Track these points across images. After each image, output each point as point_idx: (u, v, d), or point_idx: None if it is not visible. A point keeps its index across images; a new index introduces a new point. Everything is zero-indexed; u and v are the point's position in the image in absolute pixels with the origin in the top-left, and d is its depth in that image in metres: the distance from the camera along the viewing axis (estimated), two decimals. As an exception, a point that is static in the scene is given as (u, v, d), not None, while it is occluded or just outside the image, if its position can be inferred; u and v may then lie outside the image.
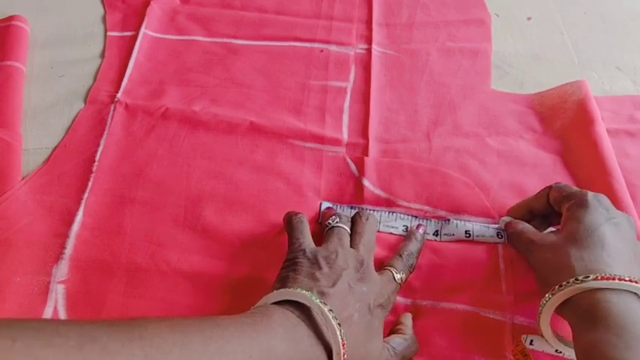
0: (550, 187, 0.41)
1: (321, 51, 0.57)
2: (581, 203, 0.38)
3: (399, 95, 0.54)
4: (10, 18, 0.57)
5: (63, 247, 0.43)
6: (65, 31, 0.59)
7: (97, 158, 0.48)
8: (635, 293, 0.33)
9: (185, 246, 0.43)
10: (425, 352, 0.39)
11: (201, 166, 0.48)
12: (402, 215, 0.45)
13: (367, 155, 0.49)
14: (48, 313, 0.40)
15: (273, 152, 0.49)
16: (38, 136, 0.50)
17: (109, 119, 0.51)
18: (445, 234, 0.44)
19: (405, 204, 0.46)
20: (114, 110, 0.51)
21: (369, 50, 0.57)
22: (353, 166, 0.48)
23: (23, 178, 0.47)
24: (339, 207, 0.46)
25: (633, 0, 0.63)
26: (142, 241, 0.44)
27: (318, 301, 0.33)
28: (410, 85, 0.54)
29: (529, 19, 0.61)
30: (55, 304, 0.40)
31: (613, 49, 0.58)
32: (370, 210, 0.46)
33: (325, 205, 0.46)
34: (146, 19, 0.58)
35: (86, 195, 0.46)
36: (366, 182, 0.47)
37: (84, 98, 0.53)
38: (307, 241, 0.39)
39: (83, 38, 0.58)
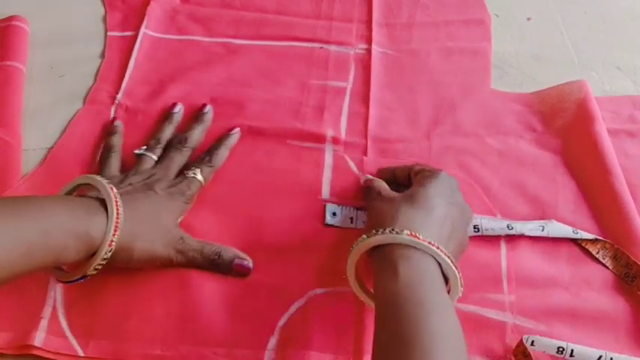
0: (416, 163, 0.45)
1: (321, 48, 0.57)
2: (432, 174, 0.41)
3: (399, 95, 0.54)
4: (10, 18, 0.57)
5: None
6: (65, 31, 0.59)
7: (97, 159, 0.48)
8: (439, 263, 0.35)
9: None
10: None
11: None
12: None
13: (366, 155, 0.49)
14: (47, 312, 0.40)
15: (272, 153, 0.49)
16: (38, 136, 0.50)
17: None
18: None
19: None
20: (115, 113, 0.51)
21: (368, 50, 0.57)
22: (353, 165, 0.48)
23: (22, 177, 0.47)
24: (344, 208, 0.45)
25: (633, 0, 0.63)
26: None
27: (105, 182, 0.38)
28: (409, 85, 0.54)
29: (529, 19, 0.61)
30: (54, 303, 0.40)
31: (613, 49, 0.58)
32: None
33: (331, 208, 0.46)
34: (146, 18, 0.58)
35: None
36: (365, 181, 0.47)
37: (84, 98, 0.53)
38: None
39: (83, 38, 0.58)
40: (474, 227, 0.44)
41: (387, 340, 0.32)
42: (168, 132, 0.49)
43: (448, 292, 0.36)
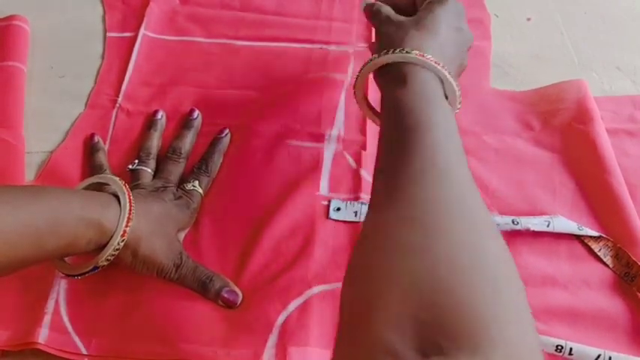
0: None
1: (320, 49, 0.57)
2: (442, 1, 0.41)
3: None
4: (10, 17, 0.57)
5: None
6: (65, 31, 0.59)
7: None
8: (442, 80, 0.37)
9: (184, 245, 0.43)
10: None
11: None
12: None
13: (365, 150, 0.49)
14: (50, 308, 0.40)
15: (272, 154, 0.49)
16: (39, 138, 0.50)
17: (111, 126, 0.51)
18: None
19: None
20: (116, 117, 0.51)
21: (368, 46, 0.57)
22: (351, 160, 0.49)
23: (28, 182, 0.47)
24: (348, 203, 0.45)
25: (633, 0, 0.63)
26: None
27: (117, 179, 0.39)
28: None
29: (529, 19, 0.61)
30: (57, 298, 0.40)
31: (613, 49, 0.58)
32: None
33: (335, 203, 0.46)
34: (145, 19, 0.58)
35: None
36: (363, 173, 0.47)
37: (84, 99, 0.53)
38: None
39: (83, 38, 0.58)
40: None
41: (391, 133, 0.35)
42: (155, 141, 0.49)
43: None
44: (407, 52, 0.37)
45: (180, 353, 0.38)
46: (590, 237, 0.44)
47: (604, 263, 0.43)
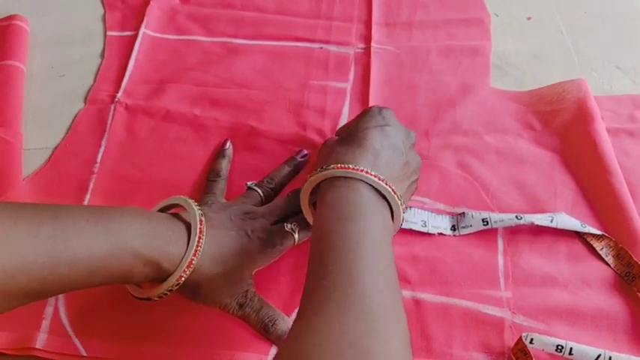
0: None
1: (321, 48, 0.57)
2: (364, 112, 0.42)
3: (398, 93, 0.54)
4: (10, 17, 0.57)
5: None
6: (65, 31, 0.59)
7: (98, 159, 0.48)
8: (371, 185, 0.36)
9: None
10: (423, 347, 0.39)
11: (202, 169, 0.48)
12: (420, 210, 0.45)
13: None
14: (49, 312, 0.40)
15: (273, 156, 0.49)
16: (38, 136, 0.50)
17: (110, 120, 0.51)
18: (463, 227, 0.44)
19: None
20: (114, 111, 0.52)
21: (368, 49, 0.57)
22: None
23: (24, 179, 0.47)
24: None
25: (633, 0, 0.63)
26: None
27: (197, 209, 0.37)
28: (409, 84, 0.54)
29: (529, 19, 0.61)
30: (56, 303, 0.40)
31: (613, 49, 0.58)
32: None
33: None
34: (146, 18, 0.58)
35: (88, 196, 0.46)
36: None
37: (84, 98, 0.53)
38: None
39: (83, 38, 0.58)
40: (483, 221, 0.44)
41: (313, 264, 0.33)
42: (227, 164, 0.48)
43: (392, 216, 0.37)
44: (324, 168, 0.37)
45: (182, 355, 0.38)
46: (593, 235, 0.44)
47: (605, 262, 0.43)
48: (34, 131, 0.51)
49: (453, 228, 0.45)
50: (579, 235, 0.44)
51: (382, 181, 0.36)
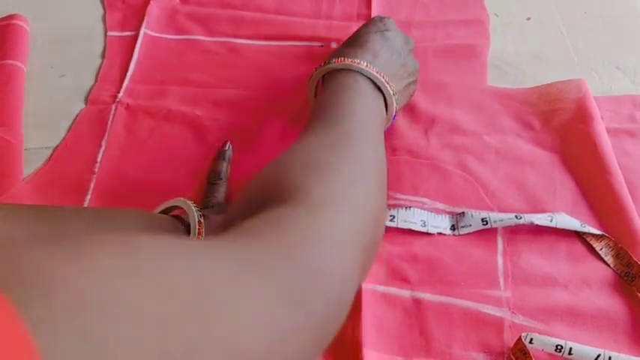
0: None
1: (321, 46, 0.57)
2: (370, 20, 0.48)
3: (398, 93, 0.54)
4: (10, 17, 0.57)
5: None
6: (65, 31, 0.59)
7: (98, 159, 0.48)
8: (368, 78, 0.42)
9: None
10: (422, 346, 0.39)
11: (202, 169, 0.48)
12: (419, 210, 0.45)
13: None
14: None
15: (273, 156, 0.49)
16: (39, 136, 0.50)
17: (110, 119, 0.51)
18: (462, 226, 0.44)
19: (403, 197, 0.46)
20: (115, 110, 0.52)
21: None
22: None
23: (24, 178, 0.47)
24: None
25: (633, 0, 0.63)
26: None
27: (195, 210, 0.38)
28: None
29: (529, 19, 0.61)
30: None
31: (613, 49, 0.58)
32: None
33: None
34: (146, 18, 0.58)
35: (89, 196, 0.46)
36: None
37: (84, 98, 0.53)
38: None
39: (83, 38, 0.58)
40: (483, 220, 0.44)
41: (311, 122, 0.38)
42: (225, 166, 0.48)
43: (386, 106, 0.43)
44: (327, 62, 0.43)
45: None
46: (593, 235, 0.44)
47: (605, 262, 0.43)
48: (34, 131, 0.51)
49: (453, 227, 0.45)
50: (579, 235, 0.44)
51: (378, 74, 0.41)
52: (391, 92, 0.42)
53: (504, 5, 0.62)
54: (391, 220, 0.44)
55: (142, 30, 0.58)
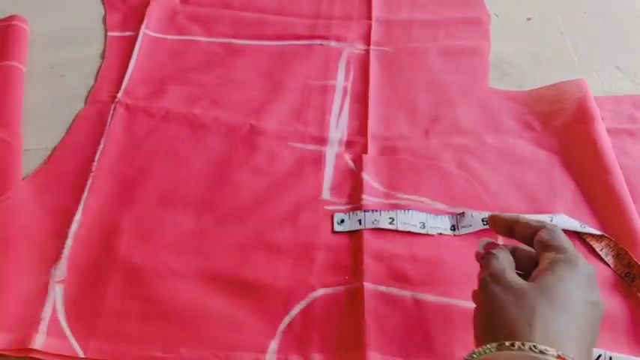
0: (543, 227, 0.35)
1: (321, 45, 0.57)
2: (571, 264, 0.32)
3: (398, 93, 0.54)
4: (10, 18, 0.57)
5: (62, 246, 0.43)
6: (65, 31, 0.59)
7: (96, 158, 0.48)
8: None
9: (183, 247, 0.43)
10: (423, 348, 0.39)
11: (200, 168, 0.48)
12: (418, 212, 0.45)
13: (366, 153, 0.49)
14: (47, 313, 0.40)
15: (272, 155, 0.49)
16: (38, 136, 0.50)
17: (109, 119, 0.51)
18: (463, 226, 0.44)
19: (404, 196, 0.46)
20: (114, 110, 0.52)
21: (367, 50, 0.57)
22: (351, 164, 0.49)
23: (23, 179, 0.47)
24: (351, 214, 0.45)
25: (633, 0, 0.63)
26: (140, 242, 0.44)
27: None
28: (408, 83, 0.54)
29: (529, 19, 0.61)
30: (54, 304, 0.40)
31: (613, 49, 0.58)
32: (378, 210, 0.45)
33: (339, 216, 0.45)
34: (146, 19, 0.58)
35: (85, 195, 0.46)
36: (365, 176, 0.47)
37: (84, 98, 0.53)
38: None
39: (83, 38, 0.58)
40: (483, 221, 0.44)
41: None
42: None
43: None
44: (541, 351, 0.27)
45: (179, 356, 0.38)
46: (592, 236, 0.44)
47: (605, 263, 0.43)
48: (33, 131, 0.50)
49: (453, 228, 0.45)
50: (579, 236, 0.44)
51: None
52: None
53: (504, 5, 0.62)
54: (391, 223, 0.44)
55: (142, 30, 0.58)
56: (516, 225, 0.36)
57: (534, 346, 0.27)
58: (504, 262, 0.33)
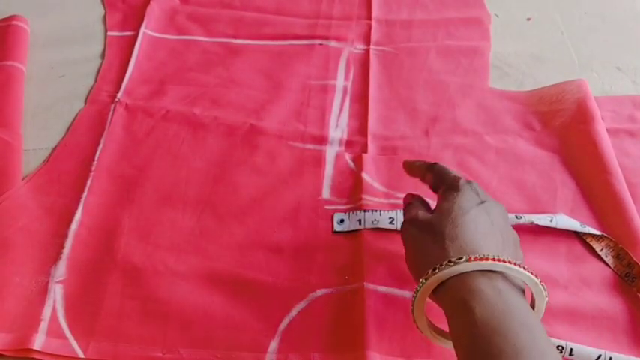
0: (428, 167, 0.41)
1: (321, 44, 0.57)
2: (455, 187, 0.37)
3: (398, 93, 0.54)
4: (10, 18, 0.57)
5: (62, 246, 0.43)
6: (65, 31, 0.59)
7: (96, 158, 0.48)
8: (507, 275, 0.32)
9: (183, 247, 0.43)
10: (423, 347, 0.39)
11: (200, 168, 0.48)
12: None
13: (366, 152, 0.49)
14: (47, 313, 0.40)
15: (272, 154, 0.49)
16: (38, 136, 0.50)
17: (109, 119, 0.51)
18: None
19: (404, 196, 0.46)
20: (114, 110, 0.52)
21: (367, 49, 0.57)
22: (351, 164, 0.49)
23: (23, 179, 0.47)
24: (351, 214, 0.45)
25: (633, 0, 0.63)
26: (139, 242, 0.44)
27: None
28: (408, 83, 0.54)
29: (529, 19, 0.61)
30: (54, 304, 0.40)
31: (613, 49, 0.58)
32: (378, 210, 0.45)
33: (338, 216, 0.45)
34: (146, 18, 0.58)
35: (85, 194, 0.46)
36: (365, 176, 0.47)
37: (84, 98, 0.53)
38: None
39: (83, 38, 0.58)
40: None
41: None
42: None
43: (532, 304, 0.34)
44: (454, 262, 0.32)
45: (179, 356, 0.38)
46: (592, 236, 0.44)
47: (605, 263, 0.43)
48: (33, 132, 0.50)
49: None
50: (579, 236, 0.44)
51: (524, 268, 0.32)
52: (542, 290, 0.33)
53: (504, 5, 0.62)
54: (390, 223, 0.44)
55: (142, 30, 0.58)
56: (414, 169, 0.42)
57: (449, 261, 0.32)
58: (418, 207, 0.39)
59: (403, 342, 0.39)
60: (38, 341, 0.38)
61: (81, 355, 0.38)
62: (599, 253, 0.43)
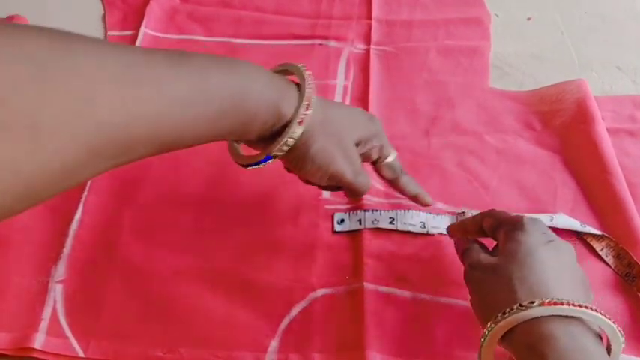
0: (484, 214, 0.39)
1: (320, 45, 0.57)
2: (518, 226, 0.35)
3: (398, 93, 0.54)
4: (10, 18, 0.57)
5: (62, 246, 0.43)
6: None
7: None
8: (582, 319, 0.31)
9: (183, 247, 0.43)
10: (424, 347, 0.39)
11: (200, 168, 0.48)
12: (418, 212, 0.45)
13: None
14: (47, 313, 0.40)
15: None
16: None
17: None
18: None
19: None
20: None
21: (367, 49, 0.57)
22: None
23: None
24: (351, 214, 0.45)
25: (633, 0, 0.63)
26: (139, 242, 0.44)
27: (301, 66, 0.35)
28: (409, 83, 0.54)
29: (529, 19, 0.61)
30: (54, 304, 0.40)
31: (613, 49, 0.58)
32: (378, 210, 0.45)
33: (338, 216, 0.45)
34: (146, 18, 0.58)
35: (85, 194, 0.46)
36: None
37: (84, 98, 0.53)
38: None
39: (83, 38, 0.58)
40: None
41: None
42: None
43: (607, 349, 0.32)
44: (526, 306, 0.30)
45: (179, 356, 0.38)
46: (593, 235, 0.44)
47: (605, 262, 0.43)
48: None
49: None
50: (579, 236, 0.44)
51: (601, 314, 0.31)
52: (619, 337, 0.32)
53: (504, 5, 0.62)
54: (391, 223, 0.44)
55: (142, 29, 0.58)
56: (467, 226, 0.40)
57: (520, 304, 0.31)
58: (477, 250, 0.37)
59: (403, 342, 0.39)
60: (38, 340, 0.38)
61: (81, 354, 0.38)
62: (600, 252, 0.43)
